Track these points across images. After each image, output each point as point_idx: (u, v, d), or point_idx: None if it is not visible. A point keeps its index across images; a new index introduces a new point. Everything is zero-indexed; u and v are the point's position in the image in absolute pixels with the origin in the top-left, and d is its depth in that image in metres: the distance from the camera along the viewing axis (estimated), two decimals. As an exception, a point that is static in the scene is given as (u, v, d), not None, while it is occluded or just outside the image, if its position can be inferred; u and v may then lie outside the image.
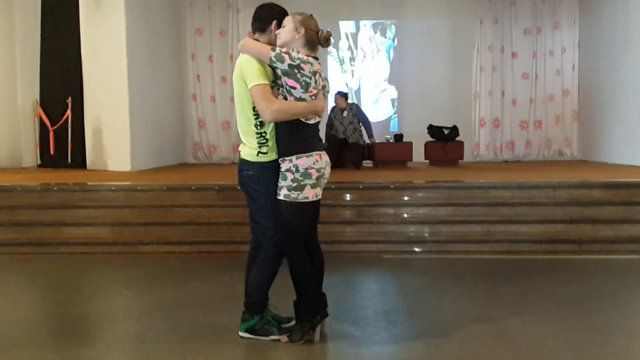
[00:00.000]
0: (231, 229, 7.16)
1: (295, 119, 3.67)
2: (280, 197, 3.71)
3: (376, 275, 5.99)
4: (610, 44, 11.60)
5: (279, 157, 3.75)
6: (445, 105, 13.19)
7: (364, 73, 13.75)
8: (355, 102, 12.72)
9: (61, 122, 11.28)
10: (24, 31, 11.61)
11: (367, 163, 11.53)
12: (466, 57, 13.19)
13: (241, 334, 3.96)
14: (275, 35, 3.77)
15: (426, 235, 7.10)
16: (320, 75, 3.74)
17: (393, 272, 6.02)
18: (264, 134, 3.74)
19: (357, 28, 13.69)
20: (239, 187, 3.93)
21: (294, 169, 3.67)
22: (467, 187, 7.65)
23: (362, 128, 11.02)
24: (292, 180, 3.67)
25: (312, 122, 3.76)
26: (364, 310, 4.65)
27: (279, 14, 3.84)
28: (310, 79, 3.64)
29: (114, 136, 10.39)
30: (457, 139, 11.78)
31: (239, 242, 6.96)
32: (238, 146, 4.00)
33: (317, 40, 3.78)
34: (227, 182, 7.77)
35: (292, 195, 3.68)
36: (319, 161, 3.72)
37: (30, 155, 11.81)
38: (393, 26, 13.65)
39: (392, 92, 13.72)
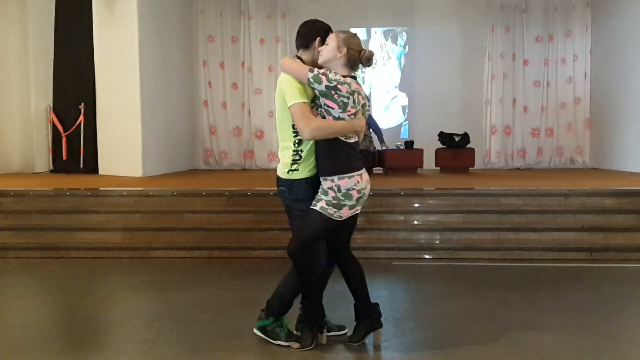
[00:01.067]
0: (241, 234, 7.18)
1: (334, 138, 3.69)
2: (316, 208, 3.72)
3: (386, 282, 5.98)
4: (622, 51, 11.55)
5: (320, 175, 3.77)
6: (456, 112, 13.17)
7: (375, 80, 13.76)
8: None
9: (74, 127, 11.36)
10: (37, 38, 11.73)
11: (378, 170, 11.52)
12: (477, 65, 13.17)
13: (255, 330, 4.01)
14: (318, 52, 3.79)
15: (437, 242, 7.09)
16: (359, 94, 3.75)
17: (403, 279, 6.01)
18: (300, 152, 3.77)
19: (369, 35, 13.71)
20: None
21: (335, 189, 3.69)
22: (478, 194, 7.63)
23: (373, 135, 11.02)
24: (334, 198, 3.69)
25: (352, 140, 3.77)
26: (373, 317, 4.63)
27: (322, 31, 3.85)
28: (348, 98, 3.66)
29: (125, 142, 10.45)
30: (468, 146, 11.75)
31: (248, 248, 7.00)
32: (249, 152, 4.05)
33: (358, 59, 3.79)
34: (237, 188, 7.79)
35: (329, 211, 3.70)
36: (360, 182, 3.73)
37: (42, 161, 11.90)
38: (404, 33, 13.66)
39: (403, 99, 13.72)
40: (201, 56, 13.34)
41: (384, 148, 11.21)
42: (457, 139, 11.73)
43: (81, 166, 11.33)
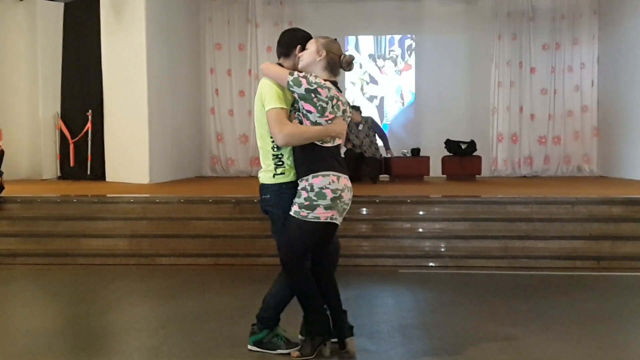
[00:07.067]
0: (247, 241, 7.18)
1: (310, 142, 3.67)
2: (291, 213, 3.70)
3: (392, 289, 5.96)
4: (629, 59, 11.52)
5: (297, 178, 3.75)
6: (462, 119, 13.17)
7: (382, 88, 13.77)
8: (371, 117, 12.71)
9: (81, 134, 11.43)
10: (46, 45, 11.81)
11: (384, 177, 11.51)
12: (484, 72, 13.16)
13: (249, 347, 3.97)
14: (298, 58, 3.80)
15: (443, 250, 7.07)
16: (339, 101, 3.71)
17: (409, 287, 5.99)
18: (280, 156, 3.75)
19: (376, 42, 13.73)
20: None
21: (308, 188, 3.65)
22: (485, 202, 7.61)
23: (379, 142, 11.01)
24: (305, 199, 3.64)
25: (329, 144, 3.72)
26: (379, 324, 4.63)
27: (302, 39, 3.86)
28: (327, 103, 3.63)
29: (133, 149, 10.49)
30: (475, 153, 11.72)
31: (255, 255, 7.00)
32: (255, 159, 4.02)
33: (338, 63, 3.79)
34: (243, 195, 7.80)
35: (301, 213, 3.65)
36: (335, 182, 3.66)
37: (50, 167, 11.96)
38: (411, 41, 13.68)
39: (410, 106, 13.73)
40: (208, 64, 13.41)
41: (389, 155, 11.20)
42: (463, 146, 11.70)
43: (88, 173, 11.38)
